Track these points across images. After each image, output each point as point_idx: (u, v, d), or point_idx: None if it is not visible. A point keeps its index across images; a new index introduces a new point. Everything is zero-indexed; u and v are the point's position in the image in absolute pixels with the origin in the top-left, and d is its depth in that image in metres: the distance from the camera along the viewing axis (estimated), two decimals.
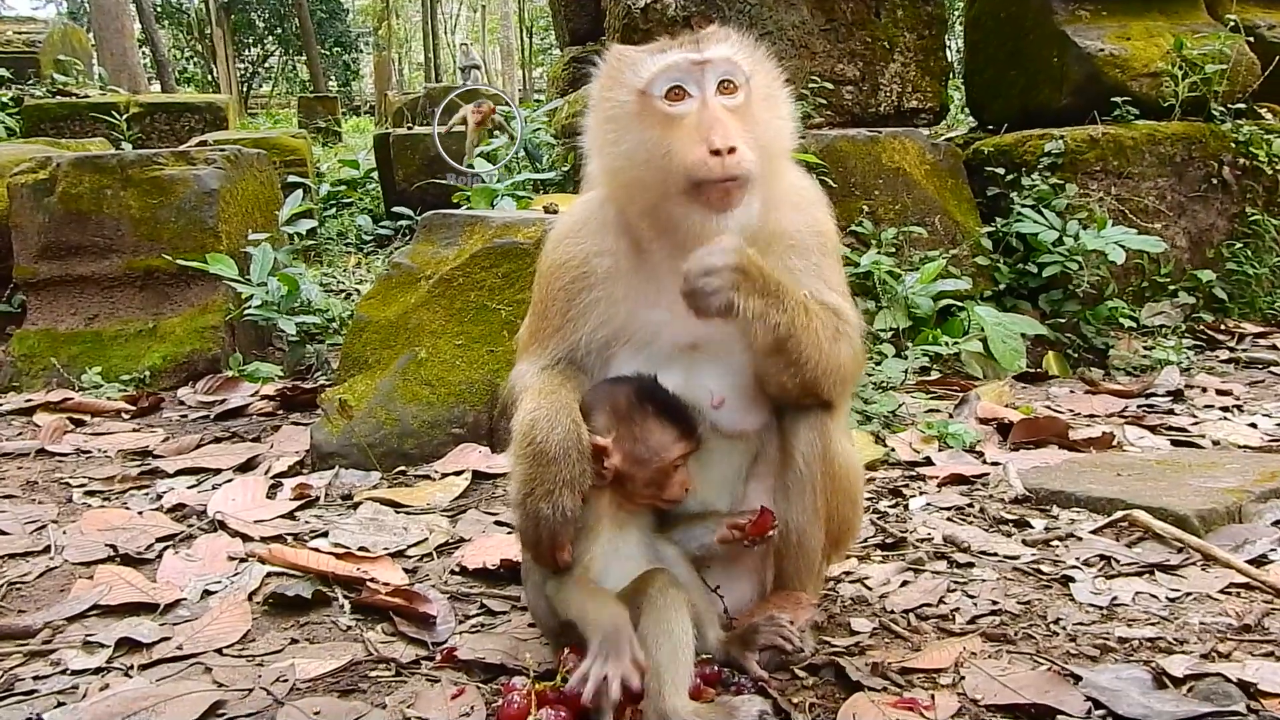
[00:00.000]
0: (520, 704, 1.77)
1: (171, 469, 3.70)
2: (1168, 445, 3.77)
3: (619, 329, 2.03)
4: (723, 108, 1.87)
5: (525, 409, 1.96)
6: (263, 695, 2.00)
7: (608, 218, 2.06)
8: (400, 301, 3.86)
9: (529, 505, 1.87)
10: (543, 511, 1.85)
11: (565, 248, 2.09)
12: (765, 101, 1.97)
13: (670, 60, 1.90)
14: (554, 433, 1.88)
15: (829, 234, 2.10)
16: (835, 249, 2.11)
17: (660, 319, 2.01)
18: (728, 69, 1.89)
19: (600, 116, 2.00)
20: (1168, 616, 2.23)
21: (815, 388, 1.97)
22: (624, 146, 1.94)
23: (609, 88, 1.98)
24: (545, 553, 1.90)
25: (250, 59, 35.32)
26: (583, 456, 1.88)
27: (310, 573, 2.58)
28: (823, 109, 6.02)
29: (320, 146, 15.60)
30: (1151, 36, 6.40)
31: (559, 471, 1.86)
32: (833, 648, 2.12)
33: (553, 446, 1.86)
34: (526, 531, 1.91)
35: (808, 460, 2.02)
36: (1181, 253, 6.05)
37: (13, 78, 11.79)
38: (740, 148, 1.83)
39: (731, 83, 1.89)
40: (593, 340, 2.04)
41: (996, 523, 2.91)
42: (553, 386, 1.99)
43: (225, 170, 5.64)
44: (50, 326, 5.44)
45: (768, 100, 1.98)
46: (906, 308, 5.09)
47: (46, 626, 2.37)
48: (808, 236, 2.05)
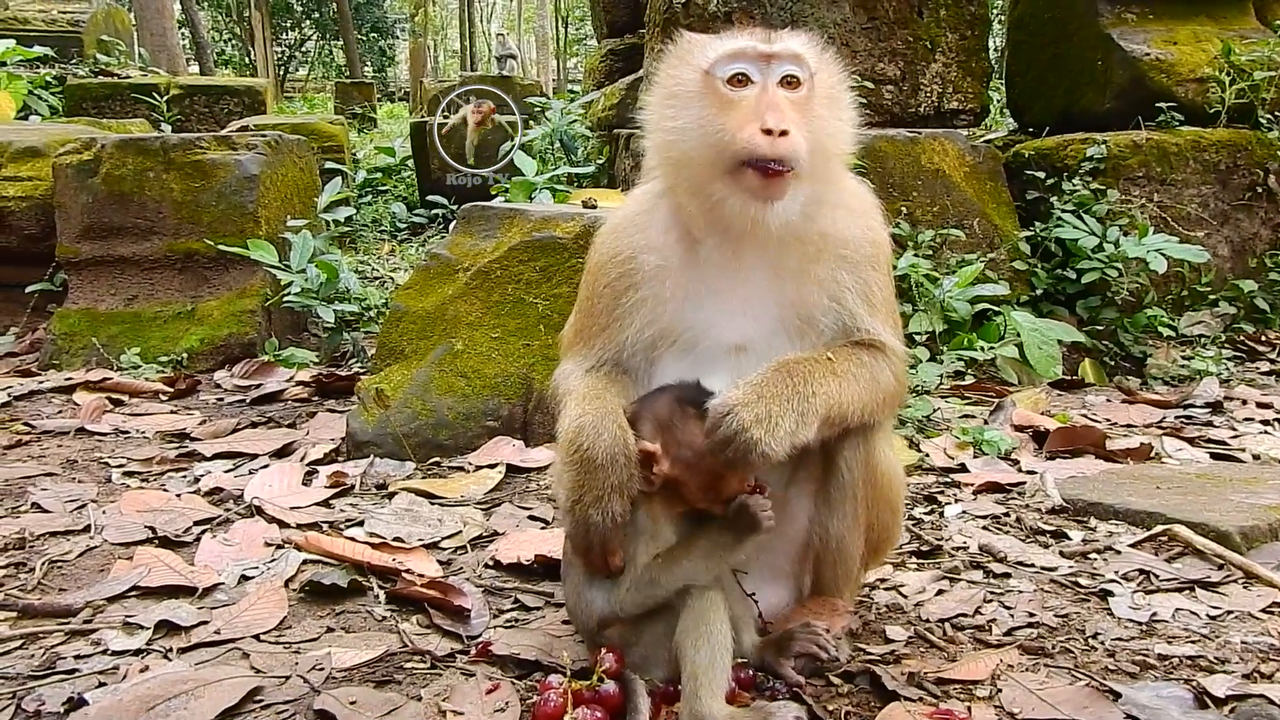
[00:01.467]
0: (557, 703, 1.77)
1: (209, 452, 3.74)
2: (1207, 458, 3.72)
3: (665, 329, 2.01)
4: (783, 97, 1.88)
5: (571, 414, 1.96)
6: (300, 683, 2.02)
7: (658, 211, 2.06)
8: (438, 292, 3.87)
9: (579, 512, 1.88)
10: (593, 518, 1.86)
11: (614, 243, 2.09)
12: (828, 100, 1.96)
13: (739, 46, 1.91)
14: (600, 439, 1.88)
15: (882, 244, 2.07)
16: (887, 260, 2.08)
17: (707, 319, 1.99)
18: (793, 64, 1.90)
19: (662, 93, 2.01)
20: (1208, 635, 2.20)
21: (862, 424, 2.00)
22: (680, 122, 1.94)
23: (674, 66, 2.00)
24: (596, 558, 1.91)
25: (287, 43, 35.50)
26: (630, 462, 1.87)
27: (346, 561, 2.61)
28: (862, 108, 5.94)
29: (356, 132, 15.68)
30: (1199, 41, 6.31)
31: (607, 478, 1.86)
32: (868, 655, 2.12)
33: (600, 453, 1.87)
34: (577, 538, 1.91)
35: (850, 468, 2.01)
36: (1223, 261, 5.97)
37: (57, 57, 11.92)
38: (794, 132, 1.83)
39: (795, 78, 1.89)
40: (638, 341, 2.02)
41: (1033, 533, 2.89)
42: (597, 391, 1.99)
43: (266, 156, 5.68)
44: (90, 306, 5.51)
45: (830, 100, 1.97)
46: (942, 311, 5.05)
47: (87, 606, 2.40)
48: (861, 245, 2.02)
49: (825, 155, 1.92)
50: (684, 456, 1.86)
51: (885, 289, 2.06)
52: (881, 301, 2.04)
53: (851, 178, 2.12)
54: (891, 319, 2.07)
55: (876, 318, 2.02)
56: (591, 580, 1.94)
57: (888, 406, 2.03)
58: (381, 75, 34.17)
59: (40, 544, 2.85)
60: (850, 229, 2.02)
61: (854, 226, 2.02)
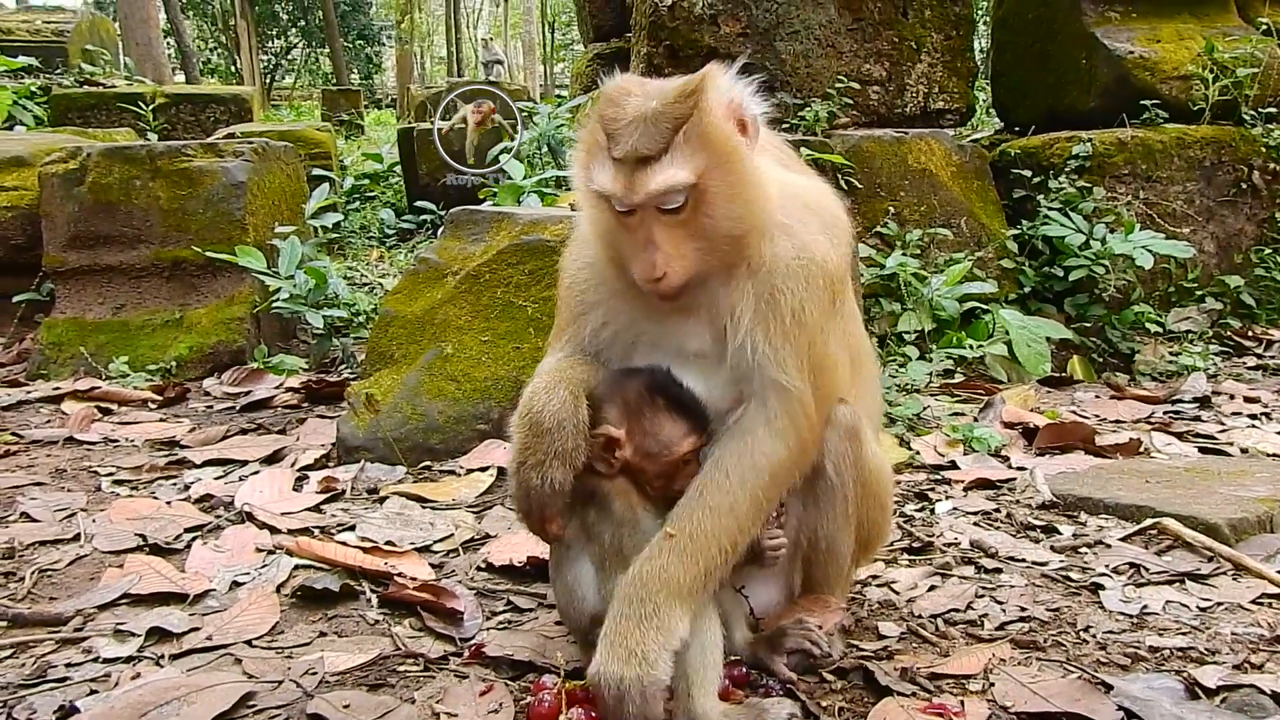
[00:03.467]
0: (551, 703, 1.77)
1: (198, 459, 3.72)
2: (1195, 452, 3.74)
3: (623, 331, 2.02)
4: (662, 226, 1.81)
5: (529, 387, 1.98)
6: (292, 688, 2.01)
7: None
8: (427, 297, 3.87)
9: (521, 475, 1.90)
10: (532, 482, 1.87)
11: (574, 255, 2.11)
12: (722, 192, 1.82)
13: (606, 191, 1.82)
14: (550, 404, 1.89)
15: (819, 261, 1.91)
16: (831, 280, 1.93)
17: (659, 330, 1.98)
18: (665, 199, 1.78)
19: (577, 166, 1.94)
20: (1199, 626, 2.21)
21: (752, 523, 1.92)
22: (590, 212, 1.95)
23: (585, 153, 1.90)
24: (534, 523, 1.93)
25: (273, 51, 35.42)
26: (578, 431, 1.88)
27: (338, 566, 2.60)
28: (849, 109, 5.99)
29: (343, 139, 15.65)
30: (1182, 39, 6.36)
31: (552, 443, 1.86)
32: (860, 651, 2.12)
33: (547, 418, 1.87)
34: (518, 500, 1.94)
35: (838, 469, 2.00)
36: (1209, 258, 6.01)
37: (42, 67, 11.88)
38: (672, 270, 1.80)
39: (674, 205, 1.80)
40: (601, 336, 2.04)
41: (1024, 528, 2.90)
42: (560, 368, 2.01)
43: (253, 163, 5.67)
44: (78, 315, 5.48)
45: (727, 187, 1.82)
46: (931, 310, 5.07)
47: (78, 614, 2.39)
48: (795, 267, 1.89)
49: (730, 238, 1.86)
50: (647, 446, 1.89)
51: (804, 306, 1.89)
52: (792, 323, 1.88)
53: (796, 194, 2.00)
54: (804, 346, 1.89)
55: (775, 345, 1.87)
56: (581, 576, 1.93)
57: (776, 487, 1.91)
58: (368, 82, 34.10)
59: (30, 553, 2.83)
60: (782, 252, 1.90)
61: (787, 249, 1.91)
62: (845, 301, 2.04)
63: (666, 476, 1.91)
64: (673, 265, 1.81)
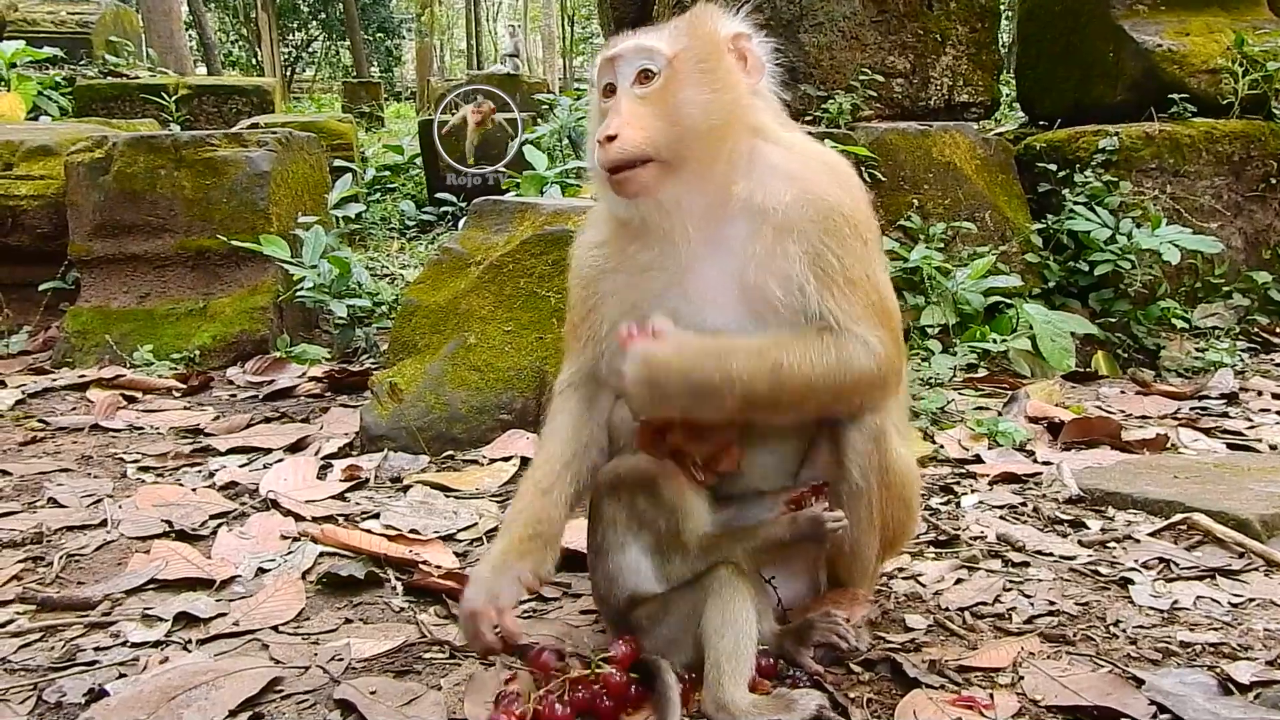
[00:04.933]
0: None
1: (223, 447, 3.74)
2: (1223, 449, 3.70)
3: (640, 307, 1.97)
4: (632, 97, 1.87)
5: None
6: (319, 673, 2.02)
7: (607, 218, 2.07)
8: (450, 287, 3.87)
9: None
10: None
11: (579, 249, 2.11)
12: (696, 76, 1.87)
13: (598, 59, 1.96)
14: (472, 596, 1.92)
15: (835, 208, 1.89)
16: (849, 226, 1.90)
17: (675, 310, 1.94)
18: (642, 59, 1.88)
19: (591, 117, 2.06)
20: (1230, 622, 2.19)
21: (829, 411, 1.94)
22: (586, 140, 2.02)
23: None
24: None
25: (294, 43, 35.55)
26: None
27: (362, 553, 2.61)
28: (872, 101, 5.95)
29: (363, 132, 15.69)
30: (1211, 32, 6.28)
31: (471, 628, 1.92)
32: (888, 644, 2.11)
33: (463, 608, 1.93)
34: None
35: (864, 473, 1.97)
36: (1237, 253, 5.94)
37: (66, 58, 11.94)
38: (624, 134, 1.82)
39: (648, 71, 1.87)
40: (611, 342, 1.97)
41: (1051, 522, 2.88)
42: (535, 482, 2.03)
43: (276, 153, 5.69)
44: (103, 304, 5.52)
45: (700, 74, 1.88)
46: (955, 304, 5.03)
47: (106, 599, 2.41)
48: (802, 210, 1.87)
49: (693, 129, 1.86)
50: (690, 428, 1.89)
51: (847, 259, 1.88)
52: (838, 269, 1.87)
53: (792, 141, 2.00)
54: (860, 296, 1.88)
55: (830, 293, 1.86)
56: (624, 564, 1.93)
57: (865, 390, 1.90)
58: (388, 75, 34.20)
59: (57, 538, 2.85)
60: (784, 195, 1.88)
61: (788, 192, 1.88)
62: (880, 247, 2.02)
63: (714, 457, 1.91)
64: (627, 130, 1.83)
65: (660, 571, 1.91)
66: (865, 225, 1.93)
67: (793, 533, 1.89)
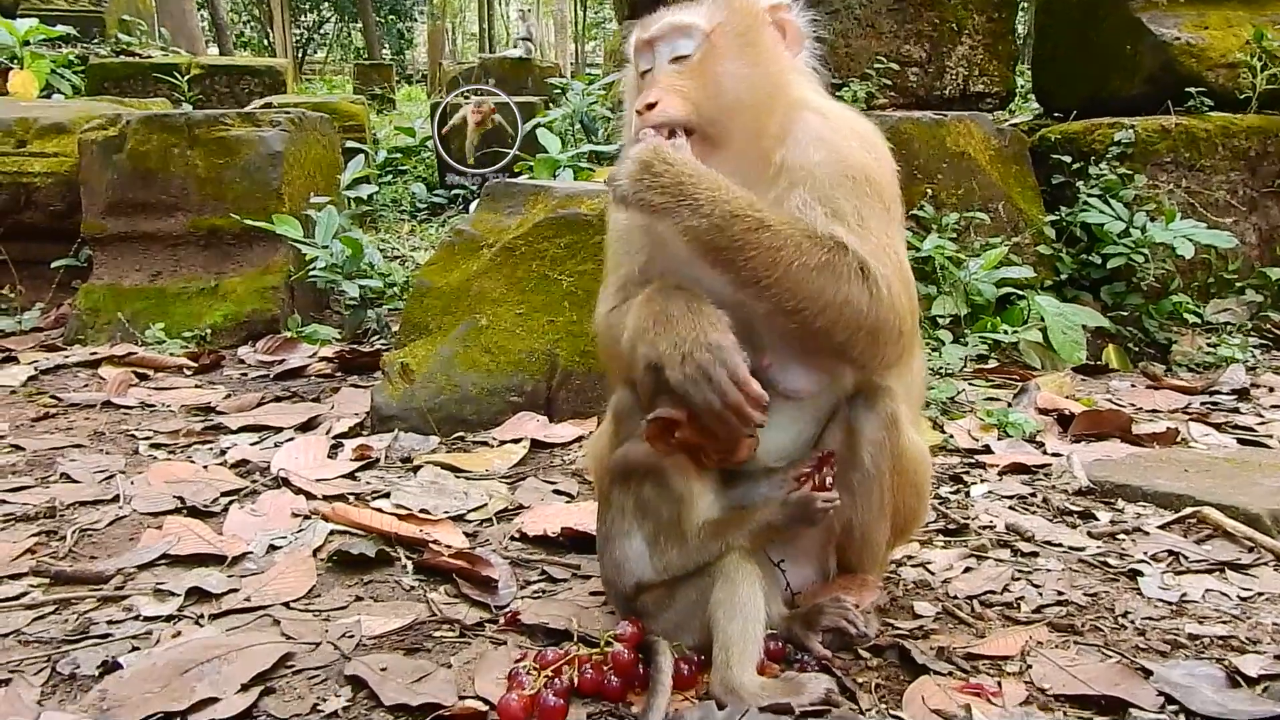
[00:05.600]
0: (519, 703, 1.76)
1: (234, 425, 3.76)
2: (1234, 444, 3.69)
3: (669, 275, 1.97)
4: (670, 72, 1.90)
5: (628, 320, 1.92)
6: (330, 649, 2.03)
7: None
8: (462, 268, 3.88)
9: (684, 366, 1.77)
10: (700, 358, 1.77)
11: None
12: (733, 50, 1.90)
13: (631, 40, 2.00)
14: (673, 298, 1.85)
15: (856, 165, 1.89)
16: (864, 182, 1.89)
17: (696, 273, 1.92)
18: (678, 37, 1.91)
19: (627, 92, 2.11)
20: (1239, 615, 2.19)
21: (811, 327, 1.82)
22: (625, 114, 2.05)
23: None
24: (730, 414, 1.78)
25: (306, 25, 35.51)
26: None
27: (373, 532, 2.61)
28: (887, 90, 5.94)
29: (375, 114, 15.67)
30: (1230, 26, 6.23)
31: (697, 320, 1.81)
32: (896, 630, 2.11)
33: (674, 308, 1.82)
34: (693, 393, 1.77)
35: (875, 459, 1.97)
36: (1251, 249, 5.91)
37: (79, 36, 11.94)
38: (665, 99, 1.85)
39: (687, 47, 1.91)
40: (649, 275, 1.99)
41: (1060, 513, 2.88)
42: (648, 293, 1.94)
43: (289, 133, 5.69)
44: (115, 282, 5.54)
45: (738, 47, 1.91)
46: (966, 294, 5.02)
47: (118, 573, 2.42)
48: (825, 167, 1.88)
49: (736, 103, 1.89)
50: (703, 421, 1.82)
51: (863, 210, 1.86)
52: (850, 211, 1.85)
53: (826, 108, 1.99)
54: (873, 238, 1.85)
55: (842, 224, 1.83)
56: (630, 551, 1.93)
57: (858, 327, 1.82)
58: (400, 57, 34.11)
59: (70, 513, 2.87)
60: (813, 155, 1.89)
61: (818, 152, 1.89)
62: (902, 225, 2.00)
63: (728, 450, 1.87)
64: (667, 98, 1.85)
65: (657, 563, 1.89)
66: (887, 190, 1.93)
67: (785, 516, 1.86)
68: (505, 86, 12.31)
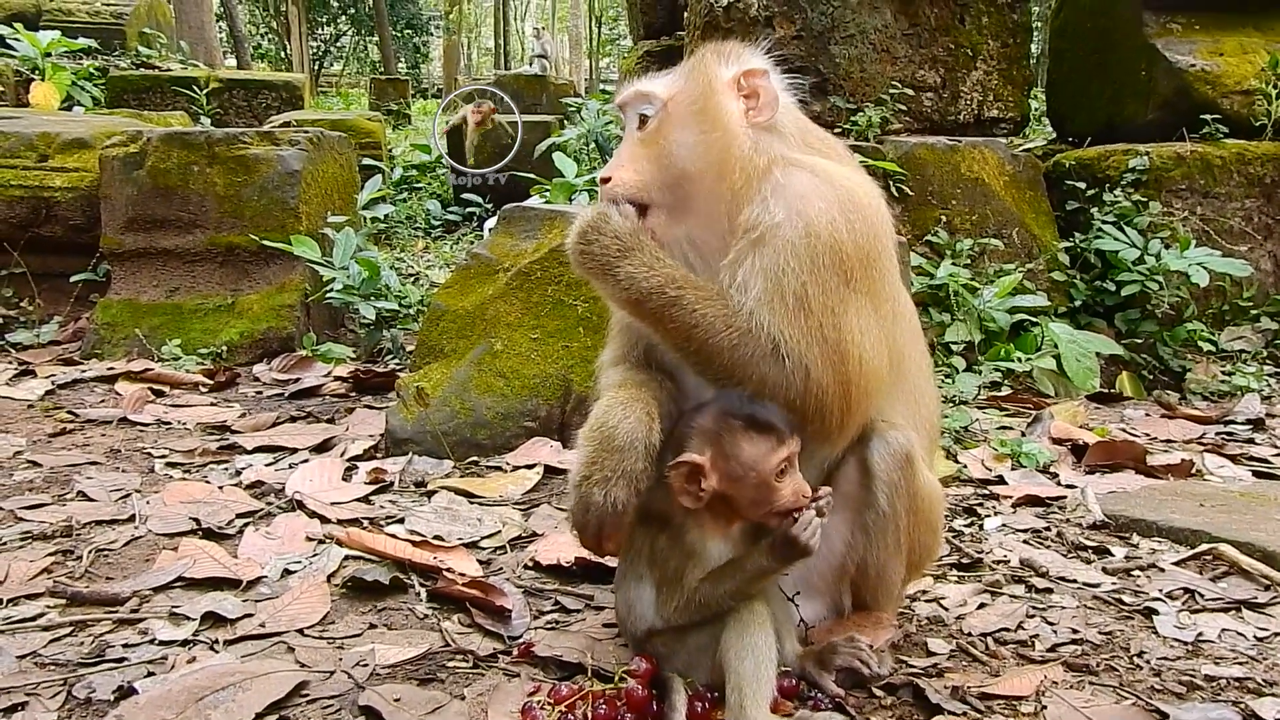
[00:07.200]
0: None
1: (249, 445, 3.77)
2: (1249, 476, 3.67)
3: None
4: (634, 140, 1.99)
5: (604, 399, 1.98)
6: (344, 679, 2.04)
7: None
8: (478, 292, 3.89)
9: (583, 489, 1.87)
10: (594, 498, 1.85)
11: None
12: (686, 118, 1.95)
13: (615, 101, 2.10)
14: (624, 422, 1.88)
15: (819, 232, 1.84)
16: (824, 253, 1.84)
17: None
18: (641, 104, 1.99)
19: None
20: (1256, 656, 2.18)
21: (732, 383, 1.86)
22: None
23: None
24: (591, 539, 1.92)
25: (323, 38, 35.78)
26: (648, 454, 1.86)
27: (387, 558, 2.62)
28: (902, 115, 5.95)
29: (390, 129, 15.77)
30: (1245, 53, 6.24)
31: (620, 461, 1.85)
32: (910, 668, 2.11)
33: (620, 435, 1.86)
34: (576, 515, 1.90)
35: (891, 500, 1.99)
36: (1266, 276, 5.90)
37: (100, 48, 12.07)
38: (618, 175, 1.95)
39: (644, 116, 1.99)
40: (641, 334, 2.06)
41: (1075, 548, 2.87)
42: (632, 381, 2.01)
43: (308, 152, 5.73)
44: (133, 297, 5.58)
45: (691, 115, 1.95)
46: (980, 321, 5.02)
47: (134, 595, 2.43)
48: (783, 231, 1.85)
49: (688, 170, 1.93)
50: (733, 471, 1.80)
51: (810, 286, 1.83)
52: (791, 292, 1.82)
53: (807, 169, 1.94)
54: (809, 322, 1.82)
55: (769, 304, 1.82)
56: (641, 596, 1.93)
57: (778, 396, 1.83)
58: (415, 72, 34.33)
59: (86, 532, 2.89)
60: (776, 217, 1.87)
61: (780, 213, 1.86)
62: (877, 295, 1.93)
63: (759, 502, 1.82)
64: (621, 173, 1.95)
65: (660, 612, 1.89)
66: (851, 259, 1.86)
67: (773, 558, 1.81)
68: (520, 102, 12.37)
